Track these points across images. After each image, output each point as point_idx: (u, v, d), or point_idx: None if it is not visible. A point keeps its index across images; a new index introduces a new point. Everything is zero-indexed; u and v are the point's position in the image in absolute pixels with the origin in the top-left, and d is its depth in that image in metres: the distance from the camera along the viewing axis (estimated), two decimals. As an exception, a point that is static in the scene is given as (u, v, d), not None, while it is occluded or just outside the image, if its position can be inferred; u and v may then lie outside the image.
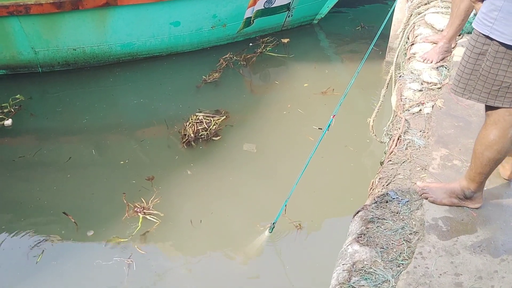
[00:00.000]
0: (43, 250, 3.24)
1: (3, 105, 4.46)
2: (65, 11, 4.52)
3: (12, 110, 4.44)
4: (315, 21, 6.26)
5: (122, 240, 3.30)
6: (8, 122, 4.31)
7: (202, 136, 4.17)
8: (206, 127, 4.22)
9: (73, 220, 3.43)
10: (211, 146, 4.16)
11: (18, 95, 4.59)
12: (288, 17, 5.84)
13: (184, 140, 4.13)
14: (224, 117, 4.41)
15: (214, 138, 4.20)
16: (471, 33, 3.67)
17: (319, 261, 3.19)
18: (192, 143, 4.12)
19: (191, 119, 4.29)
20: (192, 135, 4.14)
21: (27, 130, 4.31)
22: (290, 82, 5.15)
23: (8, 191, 3.69)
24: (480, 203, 2.32)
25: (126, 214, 3.46)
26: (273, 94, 4.97)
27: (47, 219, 3.47)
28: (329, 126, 2.99)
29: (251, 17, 5.48)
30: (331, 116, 3.02)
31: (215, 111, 4.50)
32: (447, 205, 2.33)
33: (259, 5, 5.41)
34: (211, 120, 4.30)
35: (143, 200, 3.54)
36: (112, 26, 4.81)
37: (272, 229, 3.13)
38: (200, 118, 4.31)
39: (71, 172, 3.85)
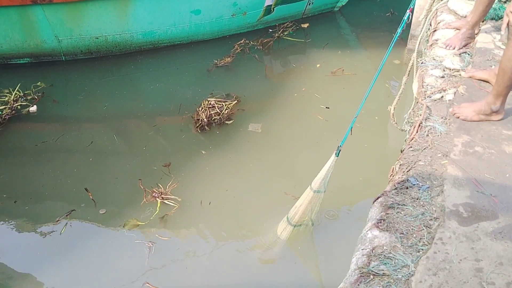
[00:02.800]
0: (66, 223, 3.39)
1: (26, 92, 4.56)
2: (88, 0, 4.58)
3: (36, 97, 4.54)
4: (336, 9, 6.22)
5: (140, 223, 3.38)
6: (33, 108, 4.40)
7: (215, 120, 4.24)
8: (219, 111, 4.29)
9: (91, 197, 3.55)
10: (225, 129, 4.23)
11: (39, 82, 4.69)
12: (309, 4, 5.80)
13: (197, 125, 4.21)
14: (236, 101, 4.48)
15: (227, 122, 4.27)
16: (495, 19, 3.64)
17: (332, 242, 3.25)
18: (206, 127, 4.20)
19: (203, 104, 4.37)
20: (205, 119, 4.21)
21: (50, 116, 4.40)
22: (306, 66, 5.19)
23: (32, 173, 3.81)
24: (502, 115, 2.73)
25: (144, 199, 3.54)
26: (286, 77, 5.04)
27: (69, 198, 3.59)
28: (404, 23, 2.90)
29: (271, 5, 5.47)
30: (408, 10, 2.95)
31: (226, 95, 4.58)
32: (476, 121, 2.72)
33: (280, -7, 5.40)
34: (223, 104, 4.37)
35: (161, 186, 3.61)
36: (133, 14, 4.85)
37: (338, 153, 2.96)
38: (212, 103, 4.38)
39: (93, 156, 3.95)
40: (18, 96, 4.48)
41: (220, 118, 4.26)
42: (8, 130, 4.18)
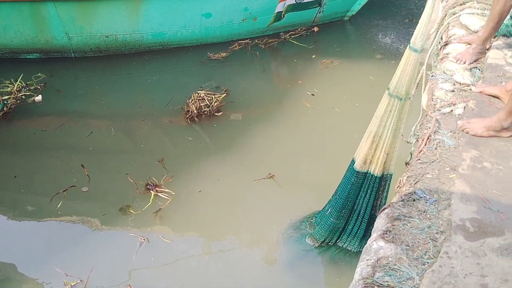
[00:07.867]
0: (63, 197, 3.56)
1: (28, 82, 4.62)
2: (100, -2, 4.60)
3: (38, 87, 4.60)
4: (346, 18, 6.22)
5: (133, 212, 3.46)
6: (39, 98, 4.47)
7: (205, 112, 4.38)
8: (208, 103, 4.42)
9: (86, 173, 3.70)
10: (215, 121, 4.38)
11: (39, 73, 4.76)
12: (319, 12, 5.81)
13: (187, 117, 4.34)
14: (225, 94, 4.61)
15: (216, 114, 4.41)
16: (507, 35, 3.64)
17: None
18: (196, 118, 4.34)
19: (193, 97, 4.50)
20: (195, 111, 4.36)
21: (52, 107, 4.47)
22: (305, 62, 5.30)
23: (30, 157, 3.95)
24: None
25: (137, 191, 3.61)
26: (284, 72, 5.28)
27: (65, 178, 3.73)
28: None
29: (282, 11, 5.48)
30: None
31: (216, 87, 4.73)
32: (485, 137, 2.71)
33: (291, 0, 5.41)
34: (212, 97, 4.50)
35: (155, 179, 3.70)
36: (145, 15, 4.87)
37: None
38: (201, 95, 4.51)
39: (93, 146, 4.06)
40: (20, 87, 4.54)
41: (209, 110, 4.40)
42: (13, 119, 4.28)
